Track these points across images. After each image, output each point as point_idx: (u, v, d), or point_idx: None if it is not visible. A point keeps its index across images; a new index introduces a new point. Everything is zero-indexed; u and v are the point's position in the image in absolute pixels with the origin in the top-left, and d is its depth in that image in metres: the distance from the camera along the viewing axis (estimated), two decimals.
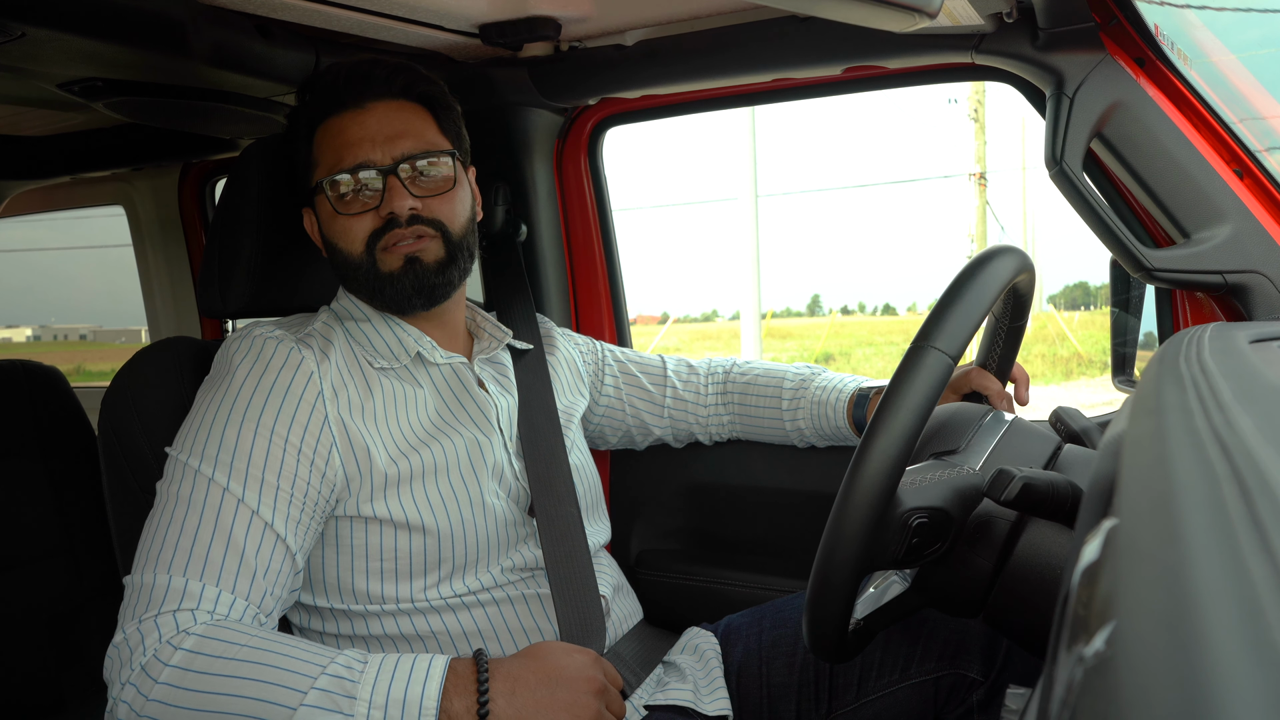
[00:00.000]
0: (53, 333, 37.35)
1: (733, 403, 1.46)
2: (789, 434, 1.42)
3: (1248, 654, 0.21)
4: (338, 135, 1.10)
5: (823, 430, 1.38)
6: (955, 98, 18.37)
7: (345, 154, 1.09)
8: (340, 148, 1.09)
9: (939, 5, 0.92)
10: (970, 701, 1.11)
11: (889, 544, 0.81)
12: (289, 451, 0.98)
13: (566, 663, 0.92)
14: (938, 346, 0.78)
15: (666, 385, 1.46)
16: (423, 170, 1.10)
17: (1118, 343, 1.37)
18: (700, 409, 1.46)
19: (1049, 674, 0.40)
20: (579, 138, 1.71)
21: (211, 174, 2.25)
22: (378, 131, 1.09)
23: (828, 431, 1.38)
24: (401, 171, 1.08)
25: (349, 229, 1.09)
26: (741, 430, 1.47)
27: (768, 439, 1.46)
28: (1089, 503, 0.49)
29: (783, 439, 1.44)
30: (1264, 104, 1.28)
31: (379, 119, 1.10)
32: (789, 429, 1.41)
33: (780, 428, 1.42)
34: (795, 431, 1.41)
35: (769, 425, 1.43)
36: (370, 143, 1.08)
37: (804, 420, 1.39)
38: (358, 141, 1.08)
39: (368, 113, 1.10)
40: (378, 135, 1.09)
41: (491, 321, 1.27)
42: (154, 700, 0.83)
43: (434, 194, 1.11)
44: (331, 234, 1.11)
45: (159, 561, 0.90)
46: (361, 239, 1.09)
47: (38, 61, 1.24)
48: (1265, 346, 0.72)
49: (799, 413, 1.39)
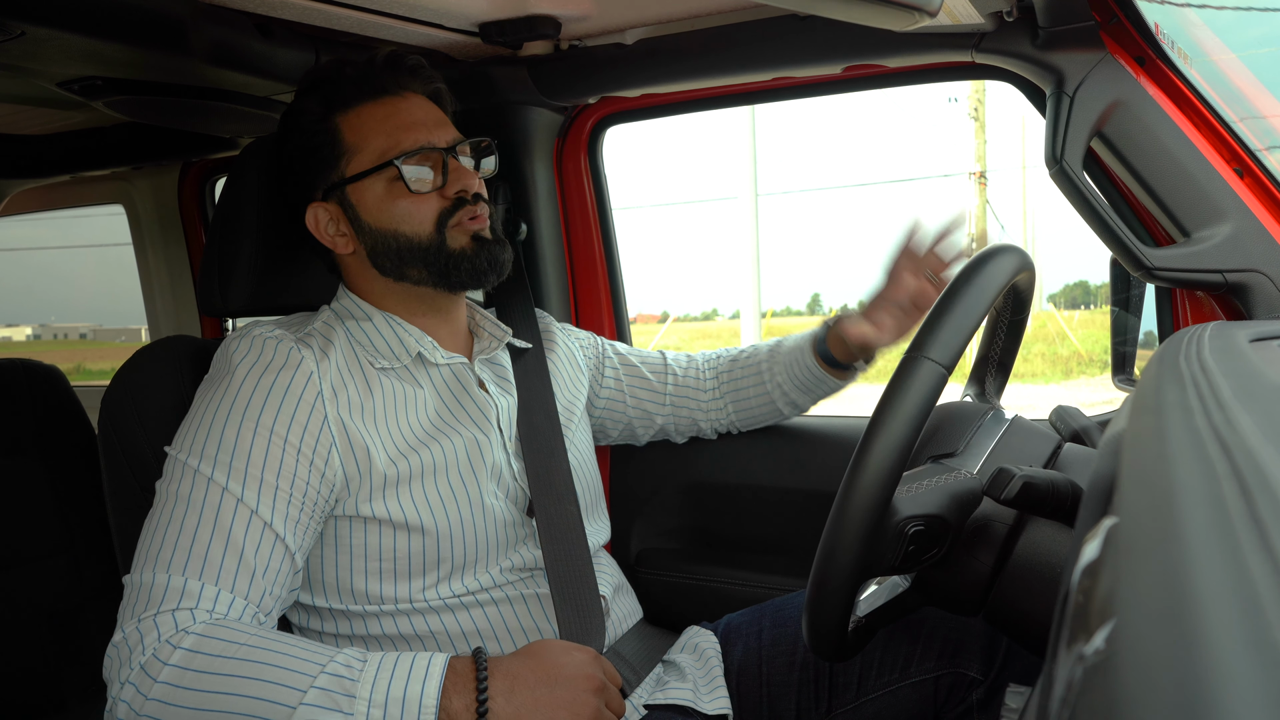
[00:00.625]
0: (53, 331, 37.37)
1: (724, 384, 1.46)
2: (774, 396, 1.42)
3: (1248, 652, 0.21)
4: (387, 120, 1.10)
5: (797, 376, 1.38)
6: (955, 96, 18.38)
7: (403, 137, 1.09)
8: (395, 130, 1.09)
9: (939, 4, 0.92)
10: (970, 700, 1.11)
11: (885, 552, 0.81)
12: (288, 451, 0.98)
13: (566, 661, 0.92)
14: (931, 357, 0.78)
15: (668, 373, 1.46)
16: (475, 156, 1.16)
17: (1118, 341, 1.37)
18: (702, 396, 1.46)
19: (1049, 672, 0.40)
20: (579, 136, 1.71)
21: (211, 173, 2.25)
22: (427, 116, 1.12)
23: (801, 375, 1.38)
24: (459, 153, 1.12)
25: (416, 210, 1.09)
26: (737, 413, 1.47)
27: (760, 414, 1.46)
28: (1089, 501, 0.49)
29: (772, 409, 1.44)
30: (1264, 103, 1.28)
31: (422, 107, 1.13)
32: (772, 390, 1.41)
33: (765, 391, 1.42)
34: (777, 390, 1.41)
35: (756, 395, 1.43)
36: (425, 127, 1.11)
37: (781, 374, 1.40)
38: (413, 125, 1.10)
39: (408, 100, 1.12)
40: (428, 120, 1.12)
41: (491, 320, 1.27)
42: (153, 699, 0.83)
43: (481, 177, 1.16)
44: (390, 218, 1.10)
45: (158, 561, 0.90)
46: (431, 218, 1.10)
47: (37, 60, 1.24)
48: (1265, 345, 0.72)
49: (776, 368, 1.40)
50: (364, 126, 1.10)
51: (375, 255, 1.12)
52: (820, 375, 1.37)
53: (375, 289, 1.15)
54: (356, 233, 1.12)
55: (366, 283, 1.16)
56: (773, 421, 1.49)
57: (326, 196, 1.13)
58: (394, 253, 1.11)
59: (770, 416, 1.46)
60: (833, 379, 1.37)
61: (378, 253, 1.12)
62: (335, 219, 1.13)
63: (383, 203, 1.10)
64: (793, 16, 1.31)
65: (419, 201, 1.09)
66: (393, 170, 1.08)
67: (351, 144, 1.10)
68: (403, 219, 1.10)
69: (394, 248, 1.11)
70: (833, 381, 1.38)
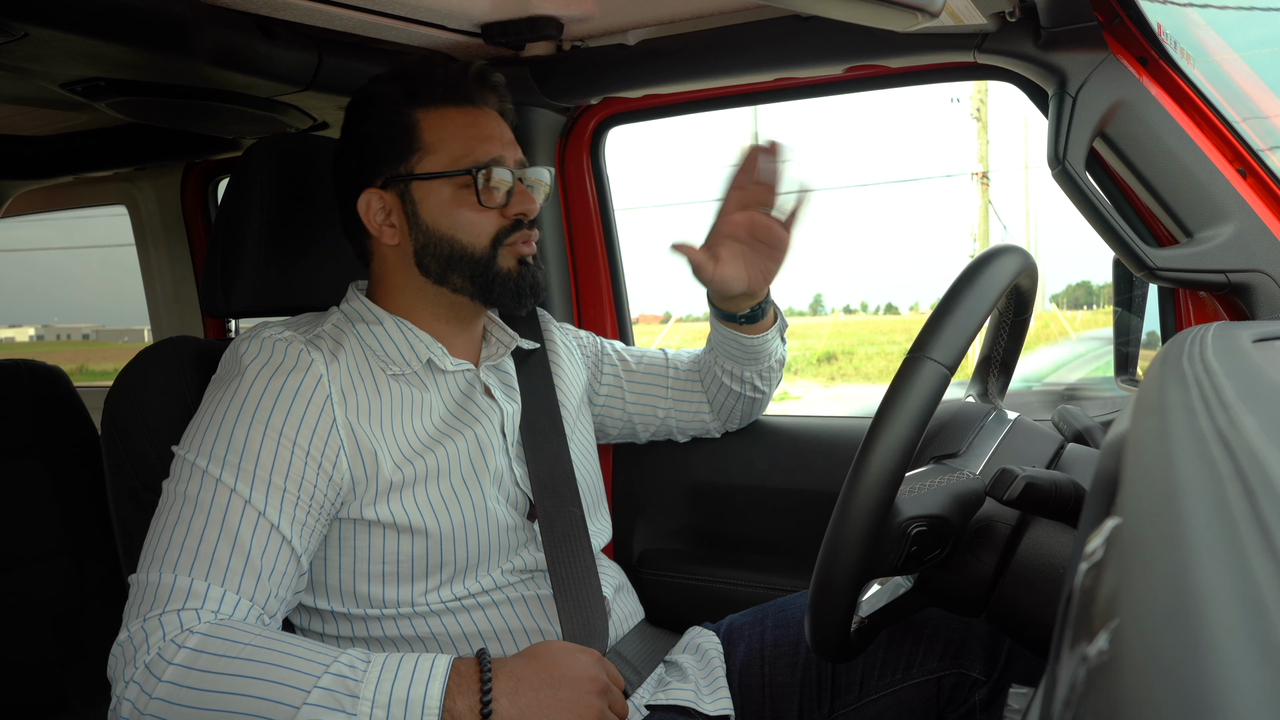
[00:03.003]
0: (55, 332, 37.44)
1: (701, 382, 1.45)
2: (722, 379, 1.39)
3: (1252, 653, 0.21)
4: (466, 127, 1.11)
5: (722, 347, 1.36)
6: (958, 97, 18.38)
7: (478, 147, 1.10)
8: (471, 140, 1.10)
9: (941, 4, 0.92)
10: (973, 701, 1.11)
11: (888, 553, 0.81)
12: (297, 454, 0.98)
13: (569, 663, 0.92)
14: (933, 357, 0.78)
15: (669, 370, 1.45)
16: (531, 182, 1.15)
17: (1120, 342, 1.37)
18: (703, 394, 1.46)
19: (1052, 673, 0.40)
20: (581, 137, 1.71)
21: (214, 174, 2.26)
22: (501, 134, 1.13)
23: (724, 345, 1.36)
24: (524, 177, 1.13)
25: (479, 222, 1.10)
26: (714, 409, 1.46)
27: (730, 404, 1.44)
28: (1092, 502, 0.49)
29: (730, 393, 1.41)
30: (1267, 103, 1.28)
31: (498, 124, 1.14)
32: (720, 374, 1.39)
33: (715, 378, 1.40)
34: (722, 371, 1.39)
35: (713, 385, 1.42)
36: (499, 143, 1.11)
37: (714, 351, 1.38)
38: (489, 139, 1.11)
39: (486, 115, 1.13)
40: (503, 137, 1.13)
41: (499, 325, 1.26)
42: (157, 698, 0.83)
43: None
44: (450, 224, 1.10)
45: (164, 561, 0.91)
46: (489, 234, 1.11)
47: (40, 61, 1.24)
48: (1269, 346, 0.72)
49: (713, 349, 1.39)
50: (444, 129, 1.10)
51: (423, 255, 1.12)
52: (729, 334, 1.34)
53: (406, 286, 1.14)
54: (410, 228, 1.11)
55: (399, 278, 1.14)
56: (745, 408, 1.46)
57: (387, 185, 1.12)
58: (444, 257, 1.11)
59: (734, 402, 1.43)
60: (743, 334, 1.33)
61: (426, 253, 1.11)
62: (390, 209, 1.12)
63: (446, 207, 1.10)
64: (795, 17, 1.31)
65: (482, 215, 1.10)
66: (466, 179, 1.09)
67: (428, 142, 1.10)
68: (462, 227, 1.10)
69: (445, 253, 1.11)
70: (744, 337, 1.34)
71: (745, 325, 1.33)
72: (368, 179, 1.12)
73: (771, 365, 1.40)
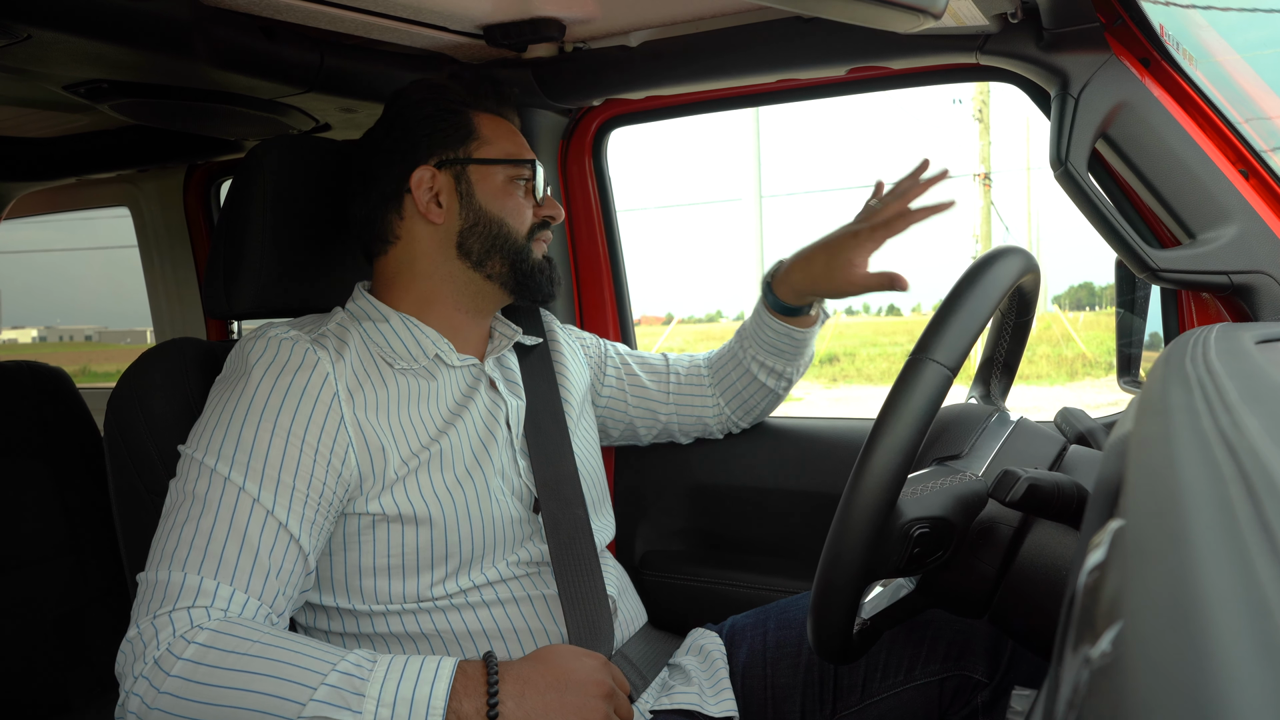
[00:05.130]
0: (58, 334, 37.48)
1: (718, 380, 1.47)
2: (754, 372, 1.43)
3: (1255, 656, 0.21)
4: (512, 133, 1.21)
5: (765, 340, 1.41)
6: (960, 98, 18.36)
7: (524, 151, 1.20)
8: (519, 144, 1.20)
9: (944, 6, 0.92)
10: (975, 703, 1.10)
11: (890, 554, 0.81)
12: (305, 452, 0.98)
13: (575, 666, 0.93)
14: (936, 359, 0.78)
15: (670, 374, 1.47)
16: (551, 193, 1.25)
17: (1123, 343, 1.37)
18: (705, 396, 1.46)
19: (1055, 675, 0.39)
20: (583, 139, 1.71)
21: (217, 175, 2.26)
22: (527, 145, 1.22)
23: (768, 337, 1.41)
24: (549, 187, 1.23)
25: (522, 211, 1.18)
26: (732, 406, 1.47)
27: (752, 399, 1.46)
28: (1095, 504, 0.49)
29: (758, 387, 1.44)
30: (1270, 104, 1.28)
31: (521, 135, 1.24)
32: (751, 366, 1.43)
33: (746, 370, 1.43)
34: (755, 364, 1.43)
35: (740, 378, 1.45)
36: (529, 152, 1.21)
37: (752, 346, 1.42)
38: (524, 147, 1.21)
39: (514, 127, 1.22)
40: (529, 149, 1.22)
41: (502, 320, 1.27)
42: (165, 693, 0.84)
43: None
44: (502, 208, 1.16)
45: (173, 559, 0.91)
46: (528, 224, 1.19)
47: (43, 63, 1.25)
48: (1272, 347, 0.72)
49: (747, 344, 1.43)
50: (495, 130, 1.19)
51: (468, 235, 1.16)
52: (782, 328, 1.39)
53: (433, 272, 1.16)
54: (462, 208, 1.15)
55: (425, 264, 1.16)
56: (769, 404, 1.48)
57: (442, 165, 1.15)
58: (490, 238, 1.16)
59: (762, 397, 1.46)
60: (796, 328, 1.39)
61: (474, 234, 1.16)
62: (442, 189, 1.15)
63: (501, 191, 1.17)
64: (797, 19, 1.31)
65: (525, 206, 1.19)
66: (519, 170, 1.18)
67: (485, 135, 1.17)
68: (511, 213, 1.17)
69: (492, 234, 1.16)
70: (797, 331, 1.40)
71: (801, 318, 1.39)
72: (422, 157, 1.16)
73: (809, 357, 1.47)
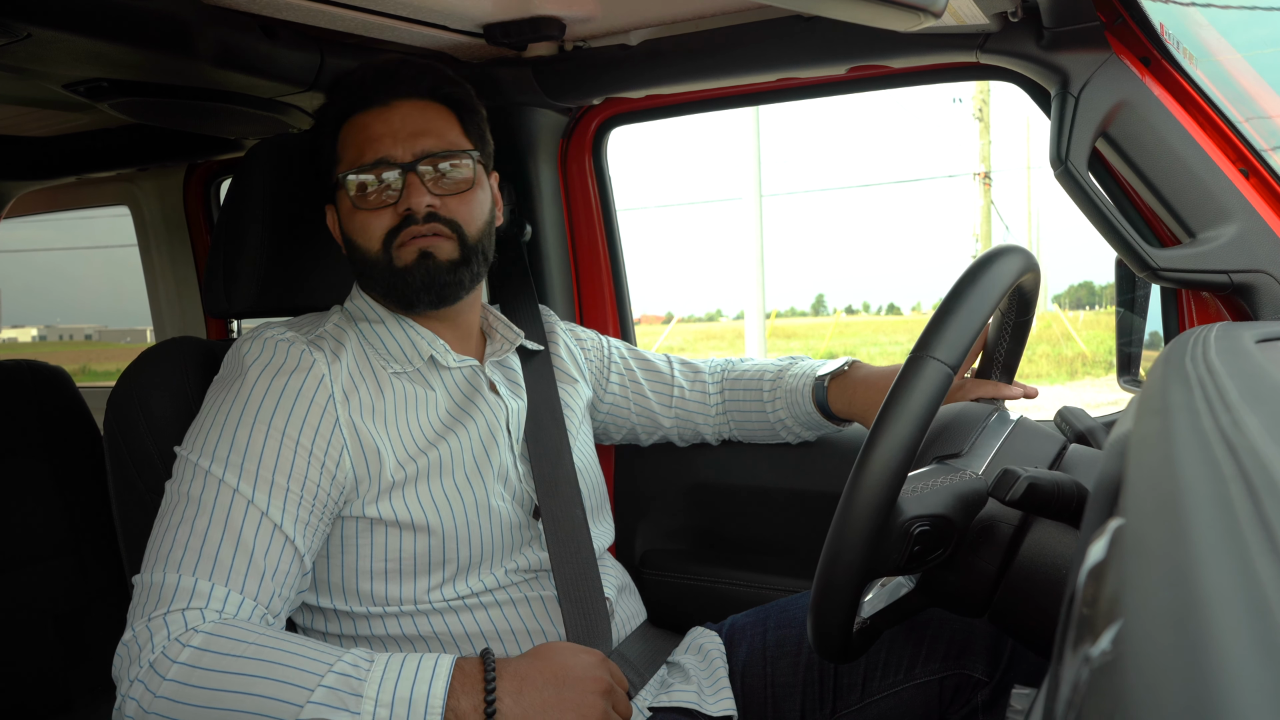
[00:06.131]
0: (58, 333, 37.49)
1: (727, 399, 1.46)
2: (775, 428, 1.42)
3: (1255, 654, 0.21)
4: (361, 131, 1.10)
5: (799, 418, 1.39)
6: (960, 97, 18.35)
7: (366, 150, 1.09)
8: (362, 143, 1.09)
9: (944, 4, 0.92)
10: (975, 702, 1.10)
11: (891, 552, 0.81)
12: (300, 454, 0.98)
13: (573, 663, 0.92)
14: (936, 356, 0.78)
15: (673, 387, 1.46)
16: (443, 171, 1.10)
17: (1123, 342, 1.37)
18: (707, 408, 1.46)
19: (1054, 674, 0.39)
20: (583, 137, 1.71)
21: (216, 174, 2.26)
22: (400, 128, 1.09)
23: (803, 418, 1.39)
24: (421, 169, 1.08)
25: (367, 225, 1.09)
26: (739, 431, 1.47)
27: (761, 438, 1.46)
28: (1095, 503, 0.49)
29: (773, 436, 1.44)
30: (1270, 103, 1.28)
31: (402, 116, 1.10)
32: (773, 421, 1.42)
33: (767, 422, 1.43)
34: (779, 424, 1.41)
35: (757, 422, 1.44)
36: (392, 139, 1.09)
37: (783, 410, 1.40)
38: (379, 138, 1.09)
39: (392, 110, 1.10)
40: (400, 132, 1.09)
41: (504, 322, 1.27)
42: (162, 697, 0.83)
43: (452, 194, 1.11)
44: (350, 229, 1.11)
45: (169, 561, 0.91)
46: (379, 235, 1.09)
47: (43, 62, 1.25)
48: (1272, 346, 0.72)
49: (777, 403, 1.41)
50: (347, 137, 1.12)
51: (352, 262, 1.14)
52: (819, 421, 1.39)
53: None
54: (343, 238, 1.14)
55: None
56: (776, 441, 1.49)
57: (331, 199, 1.15)
58: (356, 263, 1.13)
59: (772, 439, 1.47)
60: (830, 422, 1.39)
61: (353, 261, 1.14)
62: (335, 223, 1.16)
63: (349, 214, 1.11)
64: (797, 17, 1.31)
65: (370, 216, 1.09)
66: (364, 177, 1.08)
67: (339, 153, 1.12)
68: (357, 231, 1.10)
69: (355, 258, 1.12)
70: (831, 426, 1.40)
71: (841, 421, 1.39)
72: (324, 197, 1.16)
73: None
